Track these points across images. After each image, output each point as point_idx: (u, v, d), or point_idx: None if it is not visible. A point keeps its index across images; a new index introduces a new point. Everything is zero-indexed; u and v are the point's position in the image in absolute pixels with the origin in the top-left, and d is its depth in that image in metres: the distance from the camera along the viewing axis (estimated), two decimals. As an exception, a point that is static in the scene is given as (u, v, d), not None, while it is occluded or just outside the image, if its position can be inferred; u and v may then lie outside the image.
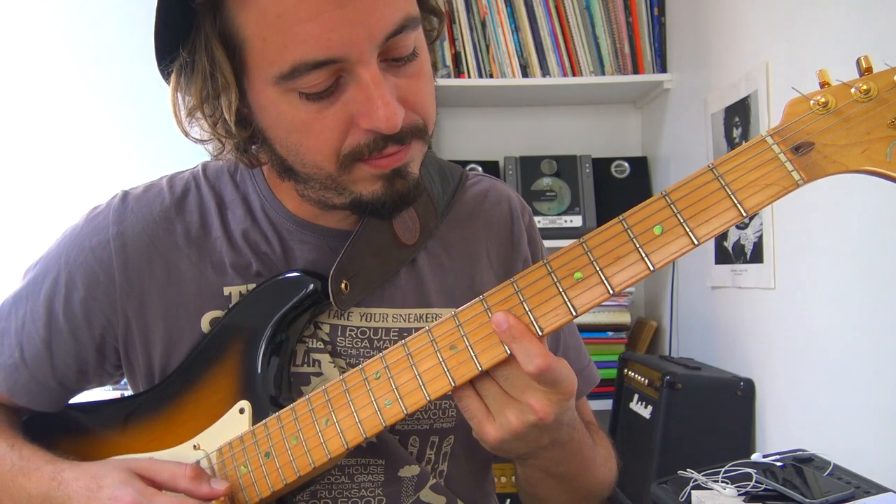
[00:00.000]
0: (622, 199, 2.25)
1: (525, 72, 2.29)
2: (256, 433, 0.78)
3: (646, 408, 1.78)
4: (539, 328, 0.65)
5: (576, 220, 2.27)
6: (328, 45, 0.65)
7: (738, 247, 1.76)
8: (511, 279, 0.67)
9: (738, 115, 1.75)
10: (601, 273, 0.64)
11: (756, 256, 1.67)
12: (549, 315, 0.65)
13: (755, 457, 1.22)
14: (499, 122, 2.53)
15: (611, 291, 0.64)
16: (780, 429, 1.58)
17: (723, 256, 1.85)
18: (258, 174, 0.88)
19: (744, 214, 0.60)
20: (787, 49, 1.53)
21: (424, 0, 0.76)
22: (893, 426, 1.21)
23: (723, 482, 1.13)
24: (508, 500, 1.93)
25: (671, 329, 2.17)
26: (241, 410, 0.80)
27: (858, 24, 1.29)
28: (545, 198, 2.30)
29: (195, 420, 0.82)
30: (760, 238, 1.65)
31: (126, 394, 0.94)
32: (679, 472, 1.20)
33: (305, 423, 0.75)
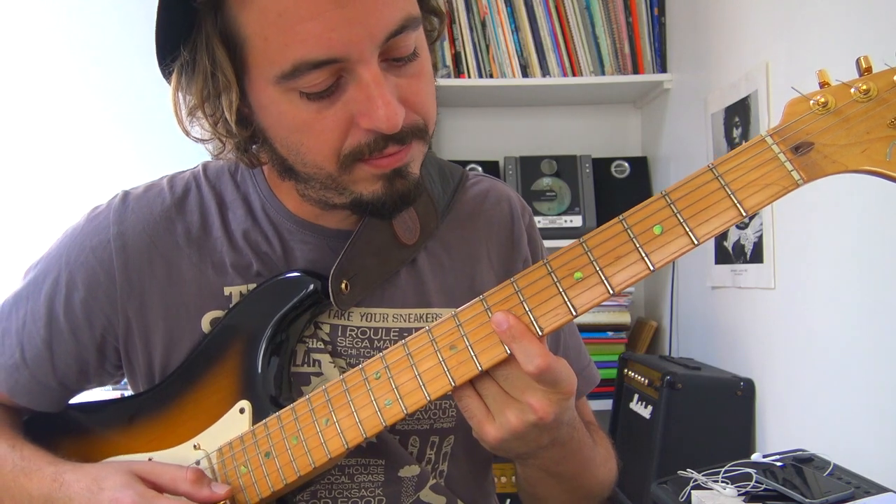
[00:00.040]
0: (622, 199, 2.25)
1: (525, 72, 2.29)
2: (256, 433, 0.78)
3: (646, 408, 1.78)
4: (539, 328, 0.65)
5: (576, 220, 2.27)
6: (329, 45, 0.65)
7: (738, 247, 1.76)
8: (511, 279, 0.67)
9: (738, 115, 1.75)
10: (601, 273, 0.64)
11: (756, 256, 1.67)
12: (549, 315, 0.65)
13: (755, 457, 1.22)
14: (499, 122, 2.53)
15: (611, 291, 0.64)
16: (780, 429, 1.58)
17: (723, 256, 1.85)
18: (259, 174, 0.88)
19: (744, 214, 0.60)
20: (787, 49, 1.53)
21: (425, 0, 0.76)
22: (893, 426, 1.21)
23: (723, 482, 1.13)
24: (508, 500, 1.93)
25: (671, 329, 2.17)
26: (242, 410, 0.80)
27: (858, 24, 1.29)
28: (545, 198, 2.30)
29: (195, 420, 0.82)
30: (760, 238, 1.65)
31: (126, 394, 0.94)
32: (679, 472, 1.20)
33: (306, 423, 0.75)
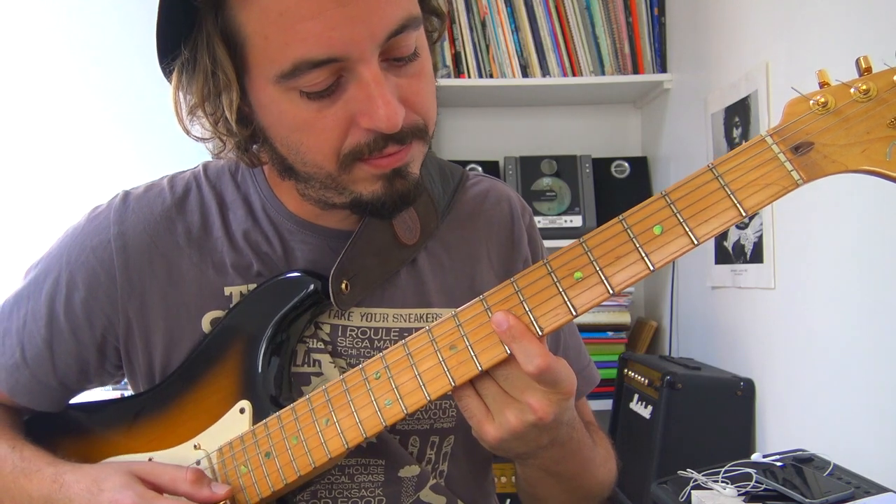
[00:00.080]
0: (622, 199, 2.25)
1: (525, 72, 2.29)
2: (257, 433, 0.78)
3: (646, 408, 1.78)
4: (539, 328, 0.65)
5: (576, 220, 2.27)
6: (329, 44, 0.65)
7: (738, 247, 1.76)
8: (511, 279, 0.67)
9: (738, 115, 1.76)
10: (601, 273, 0.64)
11: (756, 256, 1.67)
12: (549, 315, 0.65)
13: (755, 457, 1.22)
14: (499, 122, 2.53)
15: (611, 291, 0.64)
16: (780, 429, 1.58)
17: (723, 256, 1.85)
18: (259, 174, 0.88)
19: (743, 214, 0.60)
20: (787, 49, 1.53)
21: (426, 0, 0.76)
22: (893, 426, 1.22)
23: (723, 482, 1.13)
24: (508, 500, 1.93)
25: (671, 329, 2.17)
26: (242, 410, 0.80)
27: (858, 24, 1.29)
28: (545, 198, 2.30)
29: (196, 420, 0.82)
30: (760, 238, 1.65)
31: (126, 394, 0.94)
32: (679, 472, 1.20)
33: (306, 423, 0.75)
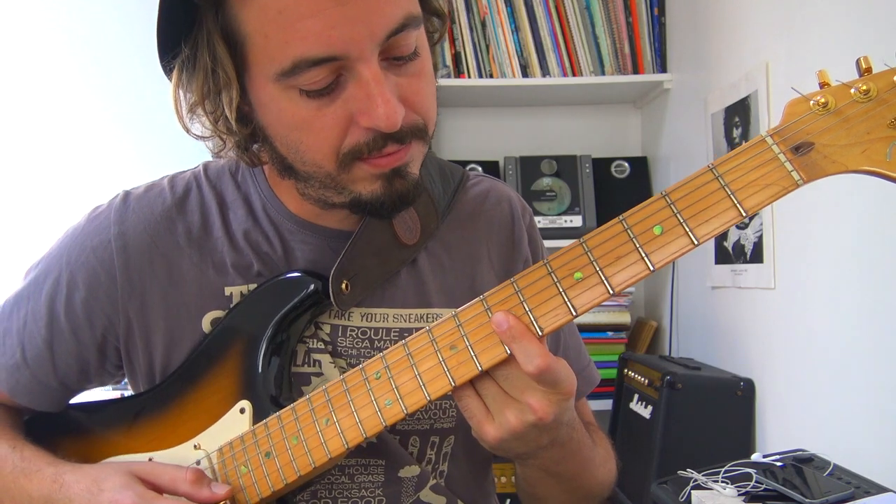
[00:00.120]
0: (622, 199, 2.25)
1: (525, 72, 2.29)
2: (257, 433, 0.78)
3: (646, 408, 1.78)
4: (539, 328, 0.65)
5: (576, 220, 2.27)
6: (329, 42, 0.65)
7: (738, 247, 1.76)
8: (511, 279, 0.67)
9: (738, 115, 1.76)
10: (601, 273, 0.64)
11: (756, 256, 1.67)
12: (549, 315, 0.65)
13: (755, 457, 1.22)
14: (499, 122, 2.53)
15: (611, 291, 0.64)
16: (780, 429, 1.58)
17: (723, 256, 1.85)
18: (259, 174, 0.88)
19: (743, 214, 0.60)
20: (787, 49, 1.53)
21: (427, 0, 0.76)
22: (893, 426, 1.22)
23: (723, 482, 1.13)
24: (508, 500, 1.93)
25: (671, 329, 2.17)
26: (242, 410, 0.80)
27: (858, 24, 1.29)
28: (545, 198, 2.30)
29: (196, 420, 0.82)
30: (760, 238, 1.65)
31: (126, 394, 0.94)
32: (679, 472, 1.20)
33: (306, 423, 0.75)
